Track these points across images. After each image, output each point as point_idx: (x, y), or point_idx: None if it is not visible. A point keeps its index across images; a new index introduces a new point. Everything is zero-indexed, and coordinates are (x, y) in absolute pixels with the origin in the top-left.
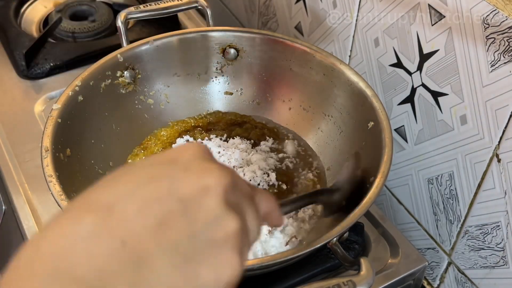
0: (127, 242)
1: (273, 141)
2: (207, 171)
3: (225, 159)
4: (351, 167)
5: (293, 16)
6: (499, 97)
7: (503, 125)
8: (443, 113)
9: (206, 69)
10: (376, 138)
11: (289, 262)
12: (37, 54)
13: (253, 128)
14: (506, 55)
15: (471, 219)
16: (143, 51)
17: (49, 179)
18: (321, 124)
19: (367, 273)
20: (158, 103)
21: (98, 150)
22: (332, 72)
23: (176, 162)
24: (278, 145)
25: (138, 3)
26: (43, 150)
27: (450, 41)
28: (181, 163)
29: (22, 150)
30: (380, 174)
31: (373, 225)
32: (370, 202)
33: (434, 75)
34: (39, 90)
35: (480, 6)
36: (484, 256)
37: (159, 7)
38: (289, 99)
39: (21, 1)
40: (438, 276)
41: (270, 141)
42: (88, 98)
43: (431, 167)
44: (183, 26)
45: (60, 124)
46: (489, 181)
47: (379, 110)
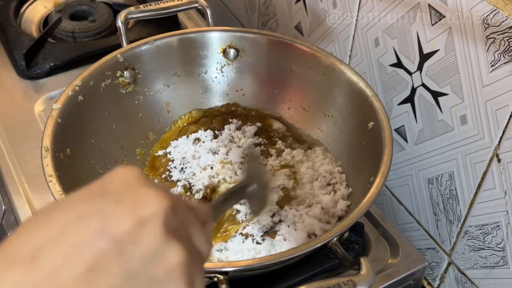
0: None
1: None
2: (142, 201)
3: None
4: (252, 163)
5: (293, 16)
6: (499, 97)
7: (503, 125)
8: (443, 113)
9: (206, 69)
10: (376, 138)
11: (289, 262)
12: (37, 54)
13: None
14: (506, 55)
15: (471, 219)
16: (143, 51)
17: (49, 179)
18: (321, 124)
19: (367, 273)
20: (158, 103)
21: (98, 150)
22: (332, 72)
23: (105, 194)
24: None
25: (138, 3)
26: (43, 150)
27: (450, 41)
28: (112, 195)
29: (22, 150)
30: (380, 174)
31: (373, 225)
32: (370, 202)
33: (434, 75)
34: (39, 90)
35: (480, 6)
36: (484, 256)
37: (159, 7)
38: (289, 99)
39: (21, 1)
40: (438, 276)
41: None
42: (88, 98)
43: (431, 167)
44: (183, 26)
45: (60, 124)
46: (489, 181)
47: (379, 110)
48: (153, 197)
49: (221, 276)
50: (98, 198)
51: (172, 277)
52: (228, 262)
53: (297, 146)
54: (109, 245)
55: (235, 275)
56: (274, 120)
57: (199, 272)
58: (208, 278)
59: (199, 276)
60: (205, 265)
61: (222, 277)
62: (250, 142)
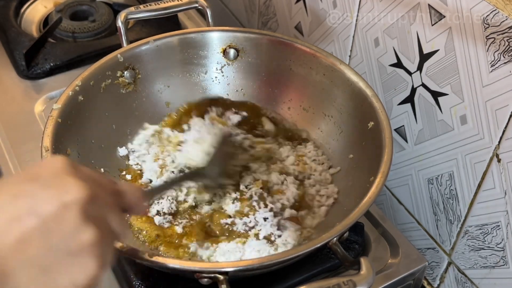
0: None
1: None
2: (66, 187)
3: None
4: (218, 146)
5: (293, 16)
6: (499, 97)
7: (503, 125)
8: (443, 113)
9: (206, 69)
10: (376, 138)
11: (289, 262)
12: (37, 54)
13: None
14: (506, 55)
15: (471, 219)
16: (143, 51)
17: None
18: (321, 124)
19: (367, 273)
20: (158, 103)
21: (98, 150)
22: (332, 72)
23: (37, 179)
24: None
25: (138, 3)
26: (43, 150)
27: (450, 41)
28: (43, 180)
29: (22, 150)
30: (380, 174)
31: (373, 225)
32: (370, 202)
33: (434, 75)
34: (39, 90)
35: (480, 6)
36: (484, 256)
37: (159, 7)
38: (289, 99)
39: (21, 1)
40: (438, 276)
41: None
42: (88, 98)
43: (431, 167)
44: (183, 26)
45: (60, 124)
46: (489, 181)
47: (379, 110)
48: (75, 186)
49: (221, 276)
50: (31, 182)
51: (83, 250)
52: (228, 262)
53: (285, 142)
54: (36, 222)
55: (235, 275)
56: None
57: (110, 248)
58: (208, 278)
59: (109, 251)
60: (205, 265)
61: (222, 277)
62: (227, 130)
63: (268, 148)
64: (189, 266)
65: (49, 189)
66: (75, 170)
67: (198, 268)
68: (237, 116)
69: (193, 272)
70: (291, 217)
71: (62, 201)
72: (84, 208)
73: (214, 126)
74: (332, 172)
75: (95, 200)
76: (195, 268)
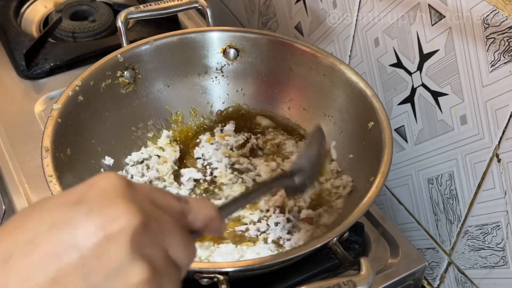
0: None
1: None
2: (114, 214)
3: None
4: (311, 146)
5: (293, 16)
6: (499, 97)
7: (503, 125)
8: (443, 113)
9: (206, 69)
10: (376, 138)
11: (289, 262)
12: (37, 54)
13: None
14: (506, 55)
15: (471, 219)
16: (143, 51)
17: (49, 179)
18: (321, 124)
19: (367, 273)
20: (158, 103)
21: (98, 150)
22: (332, 72)
23: (82, 203)
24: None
25: (138, 3)
26: (43, 150)
27: (450, 41)
28: (86, 204)
29: (22, 150)
30: (380, 174)
31: (373, 225)
32: (370, 202)
33: (434, 75)
34: (39, 90)
35: (480, 6)
36: (484, 256)
37: (159, 7)
38: (289, 99)
39: (21, 1)
40: (438, 276)
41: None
42: (88, 98)
43: (431, 167)
44: (183, 26)
45: (60, 124)
46: (489, 181)
47: (379, 110)
48: (124, 212)
49: (221, 276)
50: (73, 206)
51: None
52: (228, 262)
53: (288, 137)
54: (74, 258)
55: (235, 275)
56: (262, 117)
57: (170, 284)
58: (208, 278)
59: (169, 287)
60: (205, 265)
61: (222, 277)
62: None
63: (278, 143)
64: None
65: (94, 217)
66: (128, 190)
67: (198, 268)
68: (229, 125)
69: (193, 272)
70: (306, 217)
71: (106, 231)
72: (134, 239)
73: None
74: (333, 167)
75: (150, 227)
76: (195, 268)
